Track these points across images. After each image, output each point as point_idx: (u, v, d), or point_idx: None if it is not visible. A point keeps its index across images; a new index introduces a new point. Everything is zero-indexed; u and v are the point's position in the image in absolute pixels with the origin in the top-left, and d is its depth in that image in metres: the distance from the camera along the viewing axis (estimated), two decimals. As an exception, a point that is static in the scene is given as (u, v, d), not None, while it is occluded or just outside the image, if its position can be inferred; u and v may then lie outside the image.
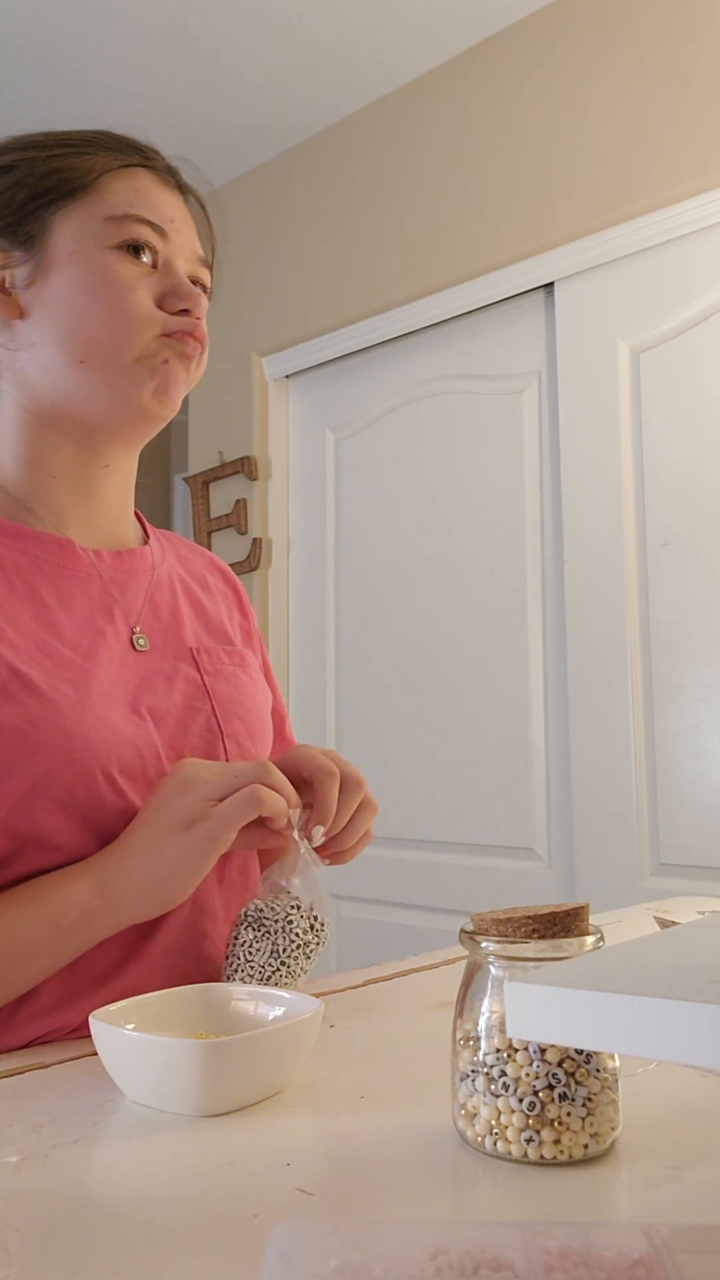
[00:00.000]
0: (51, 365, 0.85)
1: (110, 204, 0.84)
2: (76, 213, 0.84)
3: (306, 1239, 0.40)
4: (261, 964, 0.79)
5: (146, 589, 0.93)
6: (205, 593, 1.01)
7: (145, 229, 0.85)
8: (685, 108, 2.10)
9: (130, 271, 0.84)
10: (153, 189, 0.87)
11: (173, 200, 0.89)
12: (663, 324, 2.14)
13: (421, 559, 2.53)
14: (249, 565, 2.82)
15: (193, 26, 2.40)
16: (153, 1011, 0.70)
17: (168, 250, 0.87)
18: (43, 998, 0.78)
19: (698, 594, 2.05)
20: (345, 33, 2.42)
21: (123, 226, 0.84)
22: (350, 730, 2.66)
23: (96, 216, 0.84)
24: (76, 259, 0.84)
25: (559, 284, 2.30)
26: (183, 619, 0.95)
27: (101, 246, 0.84)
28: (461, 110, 2.48)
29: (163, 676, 0.89)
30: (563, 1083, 0.54)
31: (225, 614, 1.01)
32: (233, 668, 0.96)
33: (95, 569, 0.89)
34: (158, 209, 0.86)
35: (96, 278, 0.84)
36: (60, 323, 0.84)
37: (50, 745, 0.77)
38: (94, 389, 0.85)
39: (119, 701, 0.84)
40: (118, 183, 0.85)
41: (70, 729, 0.78)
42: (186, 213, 0.90)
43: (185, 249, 0.88)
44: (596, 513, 2.19)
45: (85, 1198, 0.51)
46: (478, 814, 2.36)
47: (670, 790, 2.06)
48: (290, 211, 2.83)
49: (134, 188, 0.86)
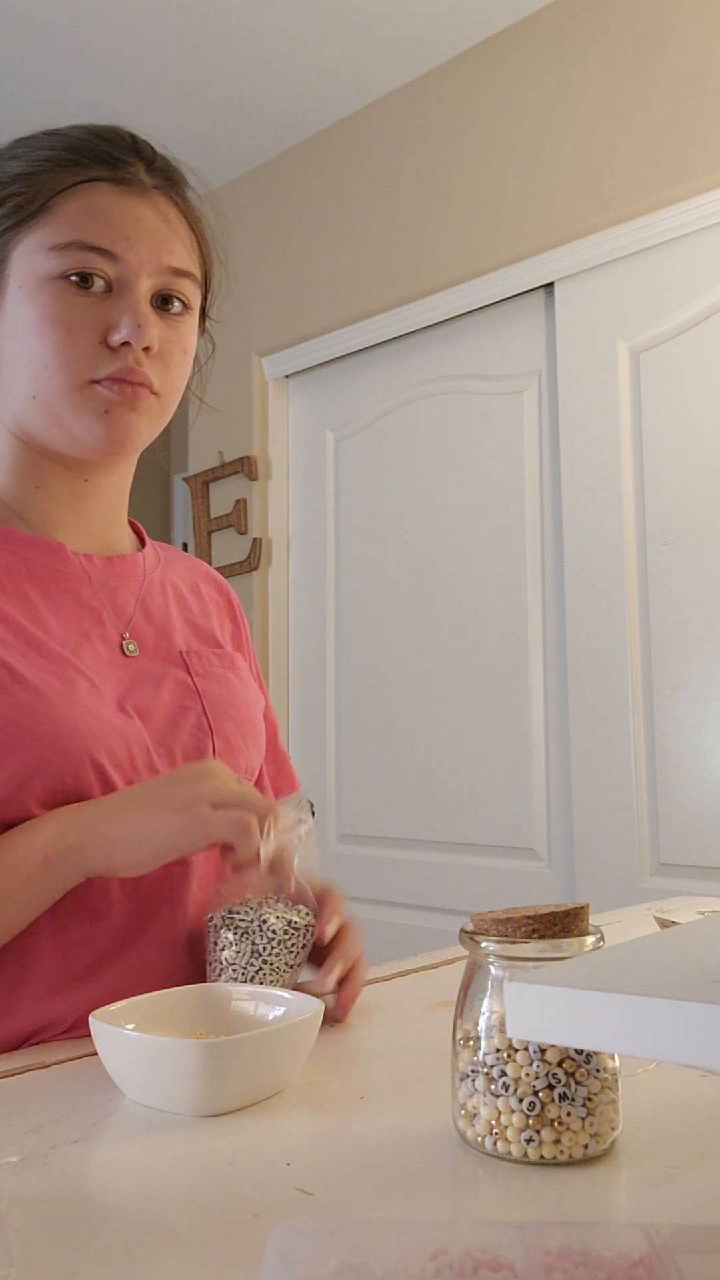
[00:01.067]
0: (15, 395, 0.85)
1: (56, 230, 0.80)
2: (27, 242, 0.81)
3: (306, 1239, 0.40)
4: (244, 965, 0.78)
5: (138, 595, 0.93)
6: (197, 600, 1.02)
7: (89, 255, 0.80)
8: (685, 108, 2.10)
9: (72, 306, 0.80)
10: (109, 203, 0.81)
11: (136, 210, 0.82)
12: (663, 324, 2.14)
13: (421, 559, 2.53)
14: (249, 565, 2.82)
15: (193, 26, 2.40)
16: (153, 1011, 0.70)
17: (121, 271, 0.82)
18: (36, 984, 0.78)
19: (698, 594, 2.05)
20: (345, 32, 2.42)
21: (65, 255, 0.80)
22: (350, 730, 2.66)
23: (43, 245, 0.81)
24: (24, 294, 0.82)
25: (559, 284, 2.30)
26: (173, 624, 0.95)
27: (47, 278, 0.81)
28: (461, 110, 2.48)
29: (151, 679, 0.89)
30: (563, 1083, 0.54)
31: (216, 622, 1.02)
32: (223, 670, 0.96)
33: (86, 572, 0.90)
34: (110, 226, 0.81)
35: (38, 315, 0.81)
36: (16, 357, 0.83)
37: (40, 734, 0.77)
38: (47, 423, 0.84)
39: (106, 699, 0.84)
40: (69, 204, 0.81)
41: (59, 719, 0.78)
42: (155, 221, 0.83)
43: (148, 263, 0.82)
44: (596, 513, 2.19)
45: (85, 1198, 0.51)
46: (478, 814, 2.36)
47: (670, 790, 2.06)
48: (290, 211, 2.83)
49: (85, 207, 0.81)
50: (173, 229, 0.85)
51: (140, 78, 2.57)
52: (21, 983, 0.78)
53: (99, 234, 0.80)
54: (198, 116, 2.70)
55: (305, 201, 2.80)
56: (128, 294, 0.82)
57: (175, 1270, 0.44)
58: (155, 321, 0.83)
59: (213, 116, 2.71)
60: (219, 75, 2.56)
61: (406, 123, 2.59)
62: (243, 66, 2.54)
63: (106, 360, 0.82)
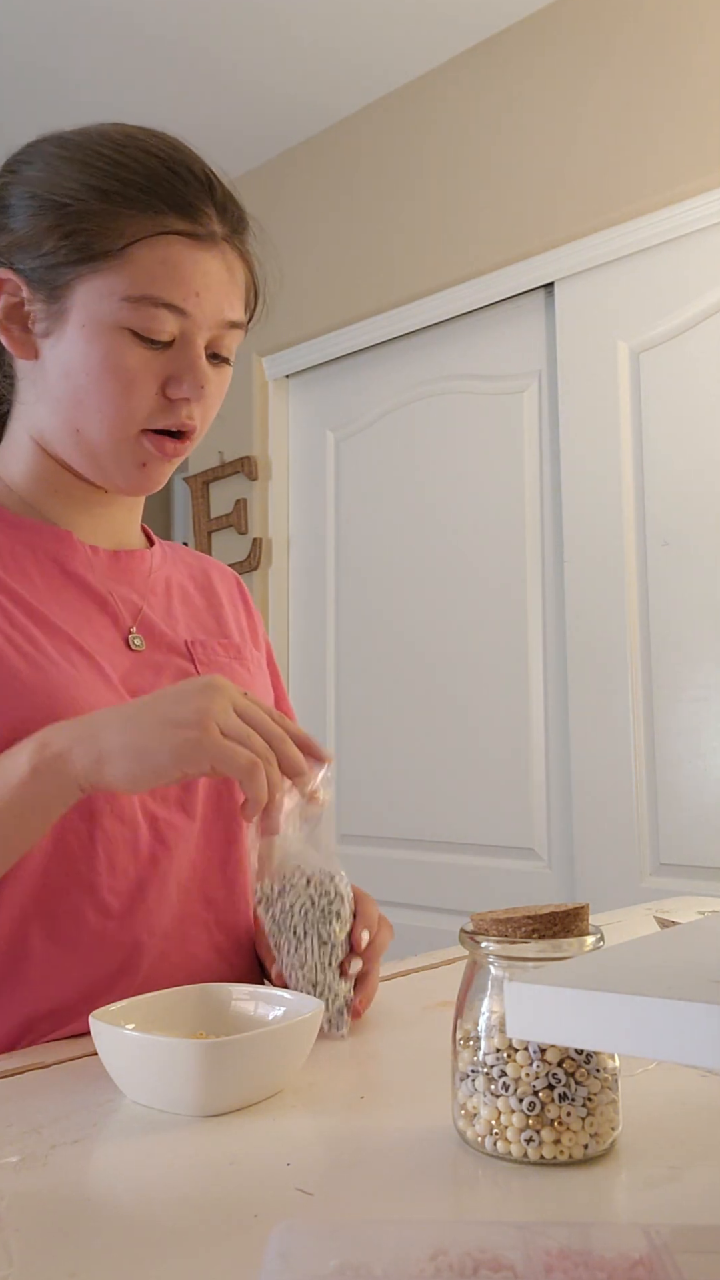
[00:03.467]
0: (52, 419, 0.86)
1: (131, 280, 0.80)
2: (98, 283, 0.81)
3: (306, 1239, 0.40)
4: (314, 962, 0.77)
5: (142, 590, 0.94)
6: (208, 593, 1.02)
7: (160, 311, 0.81)
8: (684, 107, 2.10)
9: (137, 357, 0.81)
10: (183, 256, 0.81)
11: (207, 264, 0.83)
12: (663, 324, 2.14)
13: (421, 559, 2.53)
14: (249, 565, 2.82)
15: (193, 27, 2.40)
16: (153, 1011, 0.70)
17: (185, 326, 0.82)
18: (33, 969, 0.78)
19: (698, 594, 2.05)
20: (345, 33, 2.42)
21: (139, 309, 0.80)
22: (350, 730, 2.66)
23: (116, 292, 0.80)
24: (88, 332, 0.81)
25: (559, 284, 2.30)
26: (177, 618, 0.96)
27: (114, 325, 0.81)
28: (461, 110, 2.48)
29: (152, 667, 0.90)
30: (563, 1083, 0.54)
31: (230, 614, 1.02)
32: (228, 659, 0.97)
33: (91, 562, 0.91)
34: (183, 282, 0.81)
35: (100, 359, 0.81)
36: (62, 391, 0.84)
37: (35, 697, 0.78)
38: (82, 457, 0.86)
39: (107, 678, 0.85)
40: (146, 253, 0.80)
41: (54, 685, 0.79)
42: (222, 274, 0.84)
43: (210, 318, 0.84)
44: (596, 513, 2.19)
45: (85, 1198, 0.51)
46: (478, 814, 2.36)
47: (670, 790, 2.06)
48: (290, 211, 2.83)
49: (160, 258, 0.81)
50: (234, 280, 0.86)
51: (141, 77, 2.57)
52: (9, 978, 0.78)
53: (172, 290, 0.81)
54: (197, 116, 2.70)
55: (305, 201, 2.80)
56: (190, 350, 0.83)
57: (175, 1270, 0.44)
58: (209, 375, 0.85)
59: (211, 116, 2.71)
60: (218, 75, 2.56)
61: (407, 123, 2.59)
62: (242, 66, 2.53)
63: (161, 412, 0.84)
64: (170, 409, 0.84)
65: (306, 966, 0.77)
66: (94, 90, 2.61)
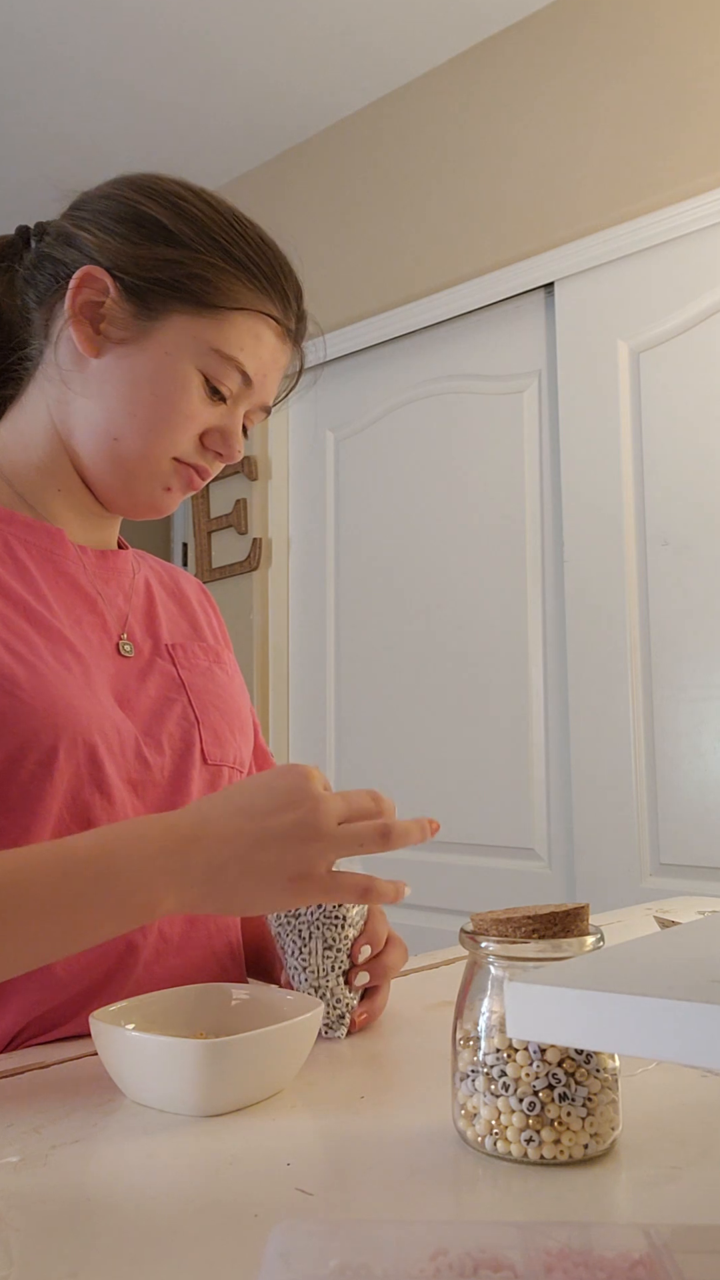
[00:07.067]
0: (92, 423, 0.89)
1: (225, 339, 0.88)
2: (195, 324, 0.87)
3: (306, 1239, 0.40)
4: (318, 965, 0.77)
5: (126, 591, 0.97)
6: (180, 598, 1.05)
7: (237, 375, 0.89)
8: (685, 108, 2.09)
9: (200, 401, 0.89)
10: (269, 339, 0.91)
11: (278, 355, 0.93)
12: (663, 324, 2.14)
13: (421, 559, 2.53)
14: (249, 565, 2.82)
15: (193, 25, 2.40)
16: (153, 1011, 0.70)
17: (244, 394, 0.91)
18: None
19: (698, 594, 2.05)
20: (346, 32, 2.42)
21: (222, 365, 0.88)
22: (350, 731, 2.66)
23: (208, 340, 0.87)
24: (168, 360, 0.87)
25: (559, 284, 2.30)
26: (159, 620, 0.98)
27: (195, 367, 0.88)
28: (462, 110, 2.48)
29: (137, 673, 0.92)
30: (563, 1083, 0.54)
31: (203, 618, 1.05)
32: (207, 662, 0.99)
33: (82, 563, 0.93)
34: (262, 361, 0.91)
35: (169, 389, 0.87)
36: (119, 397, 0.88)
37: (36, 709, 0.78)
38: (108, 463, 0.90)
39: (102, 686, 0.86)
40: (244, 322, 0.89)
41: (54, 695, 0.79)
42: (281, 367, 0.95)
43: (263, 396, 0.93)
44: (596, 513, 2.19)
45: (85, 1198, 0.51)
46: (478, 814, 2.36)
47: (670, 790, 2.06)
48: (290, 211, 2.83)
49: (255, 332, 0.89)
50: (282, 374, 0.97)
51: (141, 76, 2.57)
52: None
53: (253, 363, 0.90)
54: (197, 115, 2.70)
55: (304, 201, 2.80)
56: (236, 416, 0.92)
57: (175, 1270, 0.44)
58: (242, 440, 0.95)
59: (211, 116, 2.71)
60: (218, 75, 2.56)
61: (406, 123, 2.59)
62: (242, 66, 2.53)
63: (194, 452, 0.91)
64: (201, 453, 0.92)
65: (310, 970, 0.77)
66: (95, 90, 2.61)
